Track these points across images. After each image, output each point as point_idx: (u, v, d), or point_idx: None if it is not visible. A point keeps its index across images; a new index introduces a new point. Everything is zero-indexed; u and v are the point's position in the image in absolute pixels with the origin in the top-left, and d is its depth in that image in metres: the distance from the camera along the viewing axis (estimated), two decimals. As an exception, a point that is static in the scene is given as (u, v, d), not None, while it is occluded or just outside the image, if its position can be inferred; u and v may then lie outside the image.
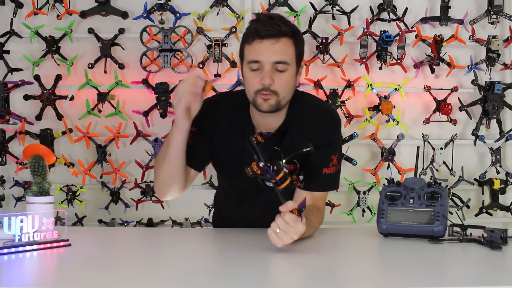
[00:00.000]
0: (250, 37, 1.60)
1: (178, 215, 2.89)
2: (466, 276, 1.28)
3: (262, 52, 1.58)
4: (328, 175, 1.70)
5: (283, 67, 1.59)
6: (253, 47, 1.59)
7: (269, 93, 1.59)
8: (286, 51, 1.59)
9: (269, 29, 1.56)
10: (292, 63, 1.61)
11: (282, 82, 1.60)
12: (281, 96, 1.61)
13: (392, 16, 2.91)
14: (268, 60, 1.57)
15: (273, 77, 1.58)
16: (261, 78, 1.58)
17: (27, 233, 1.41)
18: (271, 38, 1.56)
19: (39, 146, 1.71)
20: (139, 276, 1.25)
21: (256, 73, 1.60)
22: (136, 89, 2.86)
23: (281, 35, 1.57)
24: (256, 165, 1.44)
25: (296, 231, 1.40)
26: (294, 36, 1.62)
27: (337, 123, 1.74)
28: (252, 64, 1.59)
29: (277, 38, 1.57)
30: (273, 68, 1.58)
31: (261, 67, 1.58)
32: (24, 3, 2.82)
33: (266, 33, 1.56)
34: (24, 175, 2.84)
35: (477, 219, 2.93)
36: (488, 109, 2.90)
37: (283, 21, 1.60)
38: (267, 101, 1.60)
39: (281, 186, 1.44)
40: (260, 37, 1.57)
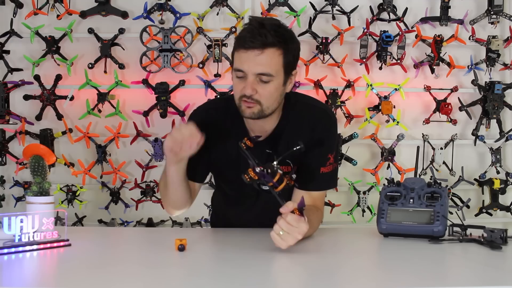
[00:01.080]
0: (237, 45, 1.58)
1: (178, 215, 2.88)
2: (466, 276, 1.28)
3: (246, 63, 1.55)
4: (325, 174, 1.70)
5: (267, 78, 1.56)
6: (239, 55, 1.57)
7: (252, 102, 1.58)
8: (271, 63, 1.55)
9: (253, 40, 1.52)
10: (278, 74, 1.57)
11: (266, 93, 1.58)
12: (264, 106, 1.59)
13: (392, 16, 2.91)
14: (251, 71, 1.55)
15: (256, 87, 1.56)
16: (244, 87, 1.57)
17: (27, 233, 1.41)
18: (255, 49, 1.53)
19: (39, 146, 1.70)
20: (139, 276, 1.25)
21: (241, 80, 1.59)
22: (136, 89, 2.86)
23: (266, 46, 1.53)
24: (253, 171, 1.44)
25: (300, 231, 1.40)
26: (283, 45, 1.56)
27: (333, 121, 1.73)
28: (237, 72, 1.59)
29: (262, 49, 1.53)
30: (257, 79, 1.56)
31: (245, 76, 1.57)
32: (24, 3, 2.82)
33: (250, 45, 1.53)
34: (24, 175, 2.84)
35: (477, 219, 2.93)
36: (488, 109, 2.90)
37: (274, 29, 1.55)
38: (250, 108, 1.60)
39: (279, 188, 1.44)
40: (245, 47, 1.54)
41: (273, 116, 1.68)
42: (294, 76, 1.66)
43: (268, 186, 1.44)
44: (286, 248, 1.40)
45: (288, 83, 1.65)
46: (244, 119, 1.73)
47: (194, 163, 1.71)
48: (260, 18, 1.65)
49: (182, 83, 2.83)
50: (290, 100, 1.71)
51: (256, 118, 1.62)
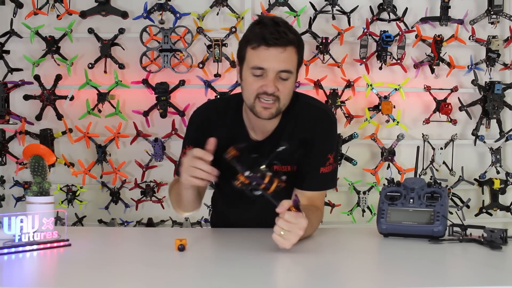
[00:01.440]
0: (255, 42, 1.55)
1: (178, 215, 2.88)
2: (466, 276, 1.28)
3: (268, 60, 1.54)
4: (325, 174, 1.70)
5: (286, 75, 1.57)
6: (258, 53, 1.55)
7: (272, 100, 1.58)
8: (291, 60, 1.57)
9: (277, 37, 1.53)
10: (294, 72, 1.60)
11: (286, 90, 1.59)
12: (282, 103, 1.61)
13: (392, 16, 2.91)
14: (274, 68, 1.55)
15: (276, 84, 1.57)
16: (264, 85, 1.56)
17: (27, 233, 1.41)
18: (278, 47, 1.53)
19: (39, 146, 1.70)
20: (139, 276, 1.25)
21: (259, 78, 1.57)
22: (136, 89, 2.86)
23: (288, 44, 1.55)
24: (242, 175, 1.44)
25: (300, 226, 1.40)
26: (298, 43, 1.60)
27: (333, 121, 1.74)
28: (255, 70, 1.56)
29: (285, 47, 1.54)
30: (277, 76, 1.57)
31: (265, 74, 1.56)
32: (24, 3, 2.82)
33: (274, 42, 1.52)
34: (24, 175, 2.84)
35: (477, 219, 2.93)
36: (488, 109, 2.90)
37: (288, 28, 1.57)
38: (268, 109, 1.59)
39: (271, 189, 1.44)
40: (268, 44, 1.53)
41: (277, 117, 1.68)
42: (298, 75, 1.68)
43: (260, 190, 1.44)
44: (290, 247, 1.40)
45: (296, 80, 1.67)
46: (244, 119, 1.73)
47: None
48: (270, 17, 1.65)
49: (182, 83, 2.83)
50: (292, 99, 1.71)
51: (273, 118, 1.63)
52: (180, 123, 2.87)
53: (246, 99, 1.63)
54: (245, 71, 1.60)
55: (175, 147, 2.90)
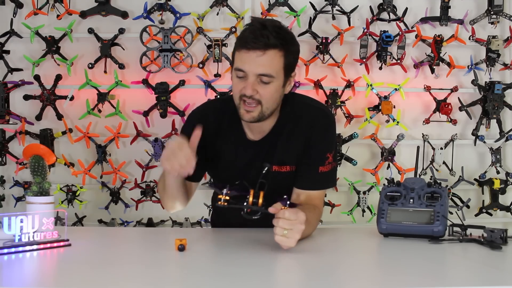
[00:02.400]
0: (239, 45, 1.58)
1: (178, 215, 2.89)
2: (466, 276, 1.28)
3: (247, 63, 1.56)
4: (324, 173, 1.70)
5: (267, 79, 1.57)
6: (240, 55, 1.58)
7: (253, 102, 1.58)
8: (272, 64, 1.56)
9: (256, 41, 1.53)
10: (278, 76, 1.58)
11: (266, 93, 1.59)
12: (264, 106, 1.60)
13: (392, 16, 2.91)
14: (253, 71, 1.56)
15: (256, 88, 1.57)
16: (244, 87, 1.58)
17: (27, 233, 1.41)
18: (257, 50, 1.53)
19: (39, 146, 1.71)
20: (139, 276, 1.25)
21: (241, 80, 1.59)
22: (136, 89, 2.86)
23: (268, 47, 1.53)
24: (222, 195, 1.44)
25: (300, 221, 1.40)
26: (285, 47, 1.57)
27: (331, 120, 1.74)
28: (238, 72, 1.59)
29: (264, 50, 1.53)
30: (257, 79, 1.57)
31: (246, 76, 1.58)
32: (24, 3, 2.82)
33: (252, 45, 1.53)
34: (24, 175, 2.84)
35: (477, 219, 2.93)
36: (488, 109, 2.90)
37: (276, 31, 1.56)
38: (250, 113, 1.60)
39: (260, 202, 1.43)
40: (247, 47, 1.55)
41: (272, 116, 1.68)
42: (293, 78, 1.67)
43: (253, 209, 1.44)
44: (295, 245, 1.41)
45: (287, 84, 1.65)
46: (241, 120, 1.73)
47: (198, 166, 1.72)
48: (262, 19, 1.66)
49: (182, 83, 2.83)
50: (288, 100, 1.72)
51: (256, 121, 1.63)
52: (180, 123, 2.87)
53: (234, 99, 1.65)
54: (233, 72, 1.63)
55: (175, 147, 2.90)
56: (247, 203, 1.44)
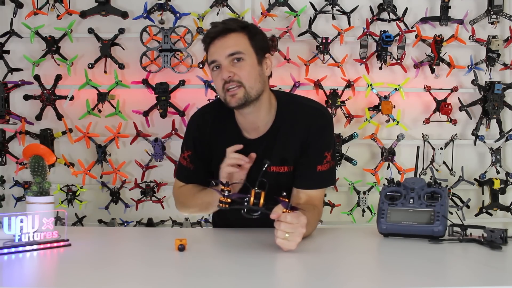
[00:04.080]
0: (204, 42, 1.69)
1: (178, 215, 2.89)
2: (466, 276, 1.29)
3: (216, 51, 1.65)
4: (322, 172, 1.71)
5: (238, 55, 1.63)
6: (209, 51, 1.67)
7: (234, 85, 1.63)
8: (237, 43, 1.64)
9: (215, 29, 1.65)
10: (248, 53, 1.65)
11: (242, 71, 1.64)
12: (247, 86, 1.64)
13: (392, 16, 2.91)
14: (222, 54, 1.63)
15: (231, 69, 1.63)
16: (221, 74, 1.64)
17: (27, 233, 1.41)
18: (220, 37, 1.64)
19: (39, 146, 1.71)
20: (139, 276, 1.25)
21: (217, 71, 1.66)
22: (136, 89, 2.86)
23: (228, 31, 1.64)
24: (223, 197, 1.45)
25: (301, 224, 1.41)
26: (245, 29, 1.67)
27: (328, 120, 1.75)
28: (211, 65, 1.67)
29: (225, 34, 1.64)
30: (230, 62, 1.64)
31: (219, 64, 1.65)
32: (24, 3, 2.82)
33: (214, 34, 1.64)
34: (24, 175, 2.84)
35: (477, 219, 2.93)
36: (488, 109, 2.90)
37: (232, 20, 1.71)
38: (235, 96, 1.64)
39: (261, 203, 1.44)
40: (211, 39, 1.65)
41: (262, 110, 1.70)
42: (268, 60, 1.72)
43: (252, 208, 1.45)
44: (296, 247, 1.41)
45: (264, 64, 1.70)
46: (236, 119, 1.75)
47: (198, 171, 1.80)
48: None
49: (182, 83, 2.83)
50: (284, 100, 1.74)
51: (243, 103, 1.65)
52: (180, 123, 2.88)
53: (220, 96, 1.70)
54: (211, 73, 1.71)
55: (175, 147, 2.90)
56: (248, 203, 1.44)
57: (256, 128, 1.73)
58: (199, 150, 1.80)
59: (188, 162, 1.82)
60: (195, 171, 1.81)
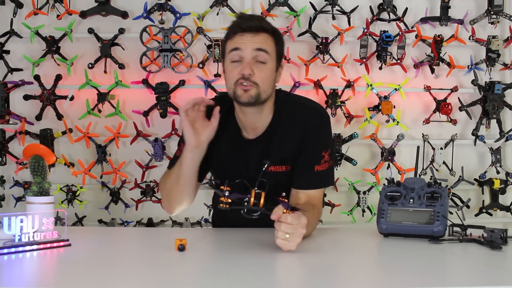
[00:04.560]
0: (231, 31, 1.64)
1: (178, 215, 2.87)
2: (466, 276, 1.28)
3: (243, 41, 1.61)
4: (320, 172, 1.71)
5: (263, 57, 1.61)
6: (234, 39, 1.63)
7: (250, 84, 1.61)
8: (267, 43, 1.63)
9: (250, 23, 1.61)
10: (272, 56, 1.64)
11: (262, 74, 1.62)
12: (261, 88, 1.63)
13: (392, 16, 2.91)
14: (249, 48, 1.61)
15: (253, 68, 1.61)
16: (241, 68, 1.61)
17: (27, 233, 1.41)
18: (252, 31, 1.61)
19: (39, 146, 1.71)
20: (139, 276, 1.25)
21: (236, 64, 1.63)
22: (136, 89, 2.86)
23: (261, 30, 1.62)
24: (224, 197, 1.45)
25: (302, 225, 1.41)
26: (275, 34, 1.66)
27: (325, 119, 1.74)
28: (233, 53, 1.62)
29: (258, 31, 1.61)
30: (253, 60, 1.61)
31: (242, 58, 1.62)
32: (24, 3, 2.82)
33: (247, 27, 1.61)
34: (24, 175, 2.84)
35: (477, 219, 2.93)
36: (488, 109, 2.90)
37: (264, 19, 1.67)
38: (247, 92, 1.62)
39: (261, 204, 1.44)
40: (242, 29, 1.61)
41: (264, 112, 1.70)
42: (282, 69, 1.71)
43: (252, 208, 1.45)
44: (295, 248, 1.41)
45: (278, 73, 1.70)
46: (236, 117, 1.75)
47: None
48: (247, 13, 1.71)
49: (182, 83, 2.83)
50: (282, 99, 1.74)
51: (253, 102, 1.64)
52: (180, 123, 2.87)
53: (228, 88, 1.67)
54: (226, 61, 1.67)
55: (175, 147, 2.86)
56: (248, 203, 1.44)
57: (255, 128, 1.73)
58: None
59: None
60: None
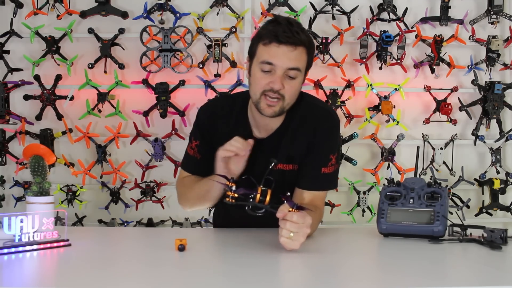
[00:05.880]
0: (267, 38, 1.58)
1: (178, 215, 2.89)
2: (466, 276, 1.28)
3: (278, 56, 1.57)
4: (326, 174, 1.71)
5: (294, 74, 1.60)
6: (269, 49, 1.58)
7: (277, 98, 1.59)
8: (301, 60, 1.60)
9: (289, 35, 1.55)
10: (302, 72, 1.63)
11: (292, 89, 1.61)
12: (286, 102, 1.63)
13: (392, 16, 2.91)
14: (283, 65, 1.57)
15: (283, 82, 1.59)
16: (272, 81, 1.58)
17: (27, 233, 1.41)
18: (290, 45, 1.56)
19: (39, 146, 1.71)
20: (139, 276, 1.25)
21: (266, 74, 1.59)
22: (136, 89, 2.86)
23: (299, 44, 1.57)
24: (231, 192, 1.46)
25: (306, 224, 1.41)
26: (309, 46, 1.62)
27: (336, 123, 1.75)
28: (264, 65, 1.59)
29: (296, 46, 1.57)
30: (284, 74, 1.59)
31: (273, 70, 1.58)
32: (24, 3, 2.82)
33: (286, 39, 1.55)
34: (24, 175, 2.84)
35: (477, 219, 2.93)
36: (488, 109, 2.90)
37: (302, 29, 1.60)
38: (272, 107, 1.61)
39: (267, 201, 1.44)
40: (279, 41, 1.56)
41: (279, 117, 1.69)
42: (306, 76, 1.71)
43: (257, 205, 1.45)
44: (299, 247, 1.41)
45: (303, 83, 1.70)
46: (249, 116, 1.74)
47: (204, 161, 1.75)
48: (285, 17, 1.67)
49: (182, 83, 2.83)
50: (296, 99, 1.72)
51: (275, 116, 1.65)
52: (180, 123, 2.88)
53: (252, 94, 1.65)
54: (254, 66, 1.62)
55: (175, 147, 2.91)
56: (254, 200, 1.44)
57: (268, 129, 1.73)
58: (207, 140, 1.78)
59: (195, 152, 1.80)
60: (201, 161, 1.78)
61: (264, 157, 1.67)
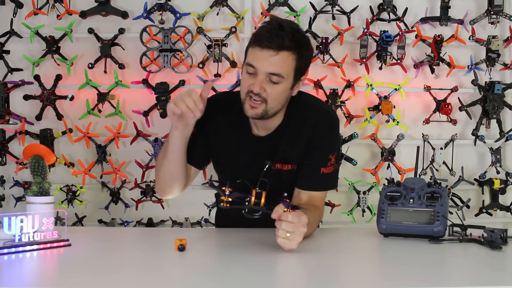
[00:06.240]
0: (254, 42, 1.59)
1: (178, 215, 2.89)
2: (466, 276, 1.28)
3: (259, 60, 1.57)
4: (326, 174, 1.71)
5: (277, 79, 1.58)
6: (253, 52, 1.59)
7: (258, 100, 1.60)
8: (283, 65, 1.58)
9: (270, 40, 1.55)
10: (288, 77, 1.60)
11: (273, 93, 1.60)
12: (269, 105, 1.62)
13: (392, 16, 2.91)
14: (263, 69, 1.57)
15: (264, 86, 1.59)
16: (252, 83, 1.59)
17: (27, 233, 1.41)
18: (270, 49, 1.55)
19: (39, 146, 1.71)
20: (139, 276, 1.25)
21: (251, 76, 1.60)
22: (136, 89, 2.86)
23: (281, 48, 1.55)
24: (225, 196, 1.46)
25: (303, 224, 1.41)
26: (298, 50, 1.59)
27: (335, 123, 1.75)
28: (249, 67, 1.60)
29: (277, 51, 1.55)
30: (267, 78, 1.58)
31: (256, 73, 1.59)
32: (24, 3, 2.82)
33: (266, 44, 1.55)
34: (24, 175, 2.84)
35: (477, 219, 2.93)
36: (488, 109, 2.90)
37: (292, 33, 1.57)
38: (254, 109, 1.62)
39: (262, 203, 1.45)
40: (261, 46, 1.56)
41: (276, 115, 1.69)
42: (302, 82, 1.68)
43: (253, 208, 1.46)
44: (296, 247, 1.41)
45: (296, 87, 1.67)
46: None
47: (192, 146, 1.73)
48: (280, 20, 1.66)
49: (182, 83, 2.83)
50: (295, 99, 1.72)
51: (258, 119, 1.65)
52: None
53: (241, 94, 1.66)
54: (244, 67, 1.64)
55: (175, 147, 2.90)
56: (249, 203, 1.44)
57: (266, 128, 1.73)
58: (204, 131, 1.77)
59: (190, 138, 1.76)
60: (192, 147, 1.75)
61: (262, 157, 1.67)
